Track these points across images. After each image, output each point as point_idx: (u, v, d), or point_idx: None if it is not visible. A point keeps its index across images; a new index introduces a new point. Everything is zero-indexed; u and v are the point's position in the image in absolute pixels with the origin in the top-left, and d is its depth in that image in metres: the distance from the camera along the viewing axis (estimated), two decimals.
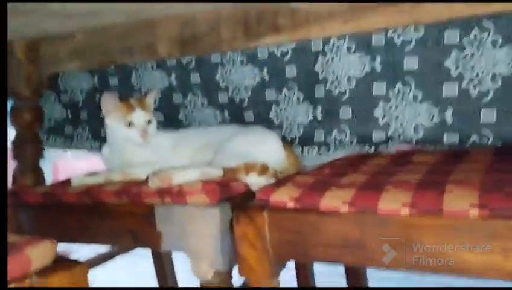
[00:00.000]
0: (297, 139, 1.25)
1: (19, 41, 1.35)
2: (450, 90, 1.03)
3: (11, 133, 1.44)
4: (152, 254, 1.67)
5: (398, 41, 1.06)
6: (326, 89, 1.16)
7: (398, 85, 1.08)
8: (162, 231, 0.98)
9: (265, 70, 1.24)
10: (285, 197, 0.86)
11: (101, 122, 1.34)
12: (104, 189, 1.05)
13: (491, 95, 1.00)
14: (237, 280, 0.97)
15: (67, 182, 1.17)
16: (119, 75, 1.45)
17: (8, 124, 1.44)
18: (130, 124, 1.18)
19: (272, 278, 0.89)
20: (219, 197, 0.96)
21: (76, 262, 0.69)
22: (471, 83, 1.01)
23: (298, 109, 1.23)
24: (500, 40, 0.97)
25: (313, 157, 1.22)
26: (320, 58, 1.15)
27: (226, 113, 1.34)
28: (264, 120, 1.29)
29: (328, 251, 0.81)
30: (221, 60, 1.28)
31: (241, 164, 1.04)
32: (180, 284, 1.70)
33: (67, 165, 2.23)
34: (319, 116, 1.19)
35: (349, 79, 1.13)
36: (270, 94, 1.26)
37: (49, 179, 1.43)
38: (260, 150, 1.12)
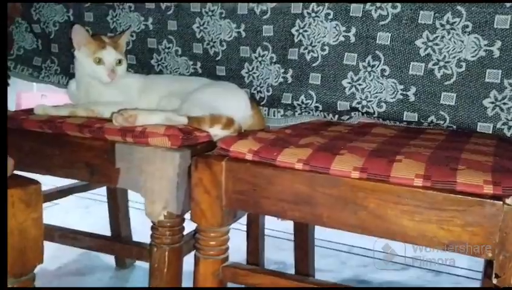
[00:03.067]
0: (265, 100, 1.26)
1: None
2: (416, 69, 1.06)
3: None
4: (108, 197, 1.68)
5: (375, 15, 1.08)
6: (300, 52, 1.18)
7: (369, 58, 1.10)
8: (121, 169, 0.99)
9: (243, 26, 1.24)
10: (244, 149, 0.89)
11: (71, 57, 1.33)
12: (67, 121, 1.05)
13: (453, 78, 1.04)
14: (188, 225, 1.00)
15: (29, 111, 1.16)
16: (95, 11, 1.42)
17: None
18: (99, 61, 1.17)
19: (222, 226, 0.92)
20: (180, 143, 0.98)
21: (30, 180, 0.70)
22: (437, 64, 1.04)
23: (270, 69, 1.24)
24: (470, 26, 1.00)
25: (277, 119, 1.25)
26: (298, 22, 1.16)
27: (199, 64, 1.34)
28: (235, 76, 1.30)
29: (279, 204, 0.85)
30: (201, 9, 1.27)
31: (207, 115, 1.06)
32: (134, 233, 1.73)
33: (31, 97, 2.18)
34: (289, 79, 1.20)
35: (323, 46, 1.14)
36: (244, 51, 1.27)
37: (11, 109, 1.41)
38: (228, 104, 1.13)
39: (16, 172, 0.75)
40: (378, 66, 1.09)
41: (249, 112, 1.18)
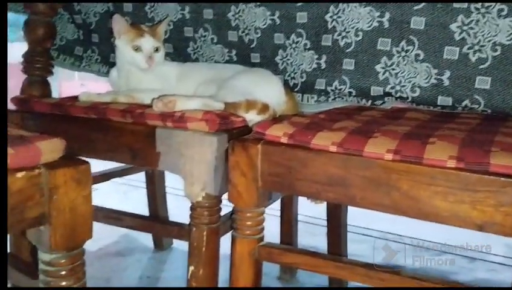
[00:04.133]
0: (298, 86, 1.28)
1: None
2: (450, 53, 1.06)
3: (23, 48, 1.47)
4: (146, 182, 1.75)
5: None
6: (333, 39, 1.19)
7: (403, 43, 1.11)
8: (161, 152, 1.04)
9: (277, 14, 1.26)
10: (279, 132, 0.91)
11: (111, 47, 1.38)
12: (110, 107, 1.10)
13: (488, 62, 1.03)
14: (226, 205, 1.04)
15: (75, 98, 1.22)
16: (133, 1, 1.46)
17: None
18: (137, 49, 1.22)
19: (258, 207, 0.95)
20: (218, 127, 1.01)
21: (80, 160, 0.75)
22: (471, 48, 1.04)
23: (304, 56, 1.26)
24: (505, 10, 1.00)
25: (311, 105, 1.27)
26: (331, 8, 1.18)
27: (234, 52, 1.38)
28: (269, 63, 1.32)
29: (313, 186, 0.87)
30: None
31: (242, 100, 1.09)
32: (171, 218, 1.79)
33: (72, 86, 2.26)
34: (323, 65, 1.22)
35: (356, 32, 1.16)
36: (278, 38, 1.29)
37: (55, 97, 1.48)
38: (263, 90, 1.16)
39: None
40: (412, 51, 1.10)
41: (283, 98, 1.20)
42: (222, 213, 1.08)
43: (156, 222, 1.41)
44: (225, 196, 0.99)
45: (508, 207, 0.72)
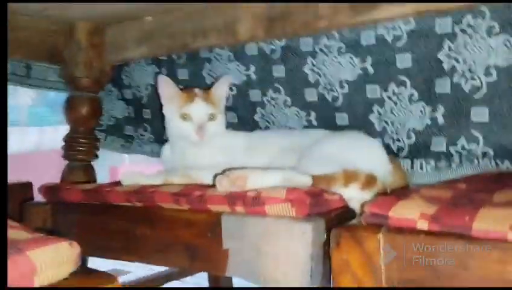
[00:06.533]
0: (405, 150, 0.97)
1: (82, 24, 1.19)
2: None
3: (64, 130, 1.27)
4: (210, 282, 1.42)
5: None
6: (453, 83, 0.88)
7: None
8: (230, 250, 0.73)
9: (369, 60, 0.98)
10: (413, 213, 0.60)
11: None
12: (159, 190, 0.83)
13: None
14: None
15: (117, 183, 0.95)
16: (189, 67, 1.25)
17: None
18: (185, 117, 0.97)
19: None
20: (309, 210, 0.72)
21: (107, 275, 0.45)
22: None
23: (409, 110, 0.96)
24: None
25: (425, 174, 0.94)
26: (447, 43, 0.88)
27: (313, 114, 1.10)
28: (361, 124, 1.03)
29: None
30: (314, 47, 1.04)
31: (338, 171, 0.78)
32: None
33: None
34: (440, 120, 0.91)
35: (487, 70, 0.85)
36: (372, 91, 1.00)
37: None
38: (362, 157, 0.87)
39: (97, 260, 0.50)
40: None
41: (387, 166, 0.89)
42: None
43: None
44: None
45: None
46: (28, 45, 1.14)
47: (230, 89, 1.17)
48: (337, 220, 0.74)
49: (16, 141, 1.42)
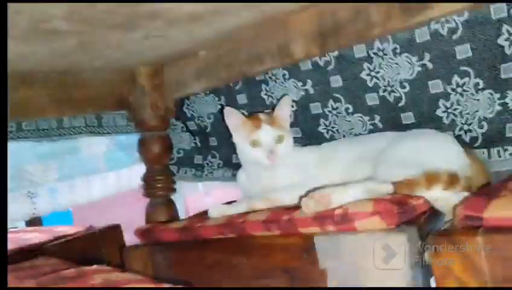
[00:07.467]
0: (479, 140, 0.96)
1: (141, 68, 1.25)
2: None
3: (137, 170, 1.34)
4: None
5: None
6: None
7: None
8: (327, 269, 0.75)
9: (427, 56, 0.98)
10: (508, 212, 0.59)
11: (231, 147, 1.18)
12: (249, 219, 0.87)
13: None
14: None
15: (204, 214, 1.01)
16: (247, 91, 1.28)
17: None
18: (255, 144, 1.00)
19: None
20: (398, 220, 0.73)
21: None
22: None
23: (477, 99, 0.95)
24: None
25: (506, 161, 0.93)
26: (504, 28, 0.87)
27: (377, 118, 1.11)
28: (428, 120, 1.03)
29: None
30: (367, 53, 1.05)
31: (420, 175, 0.79)
32: None
33: (198, 199, 2.14)
34: (511, 105, 0.90)
35: None
36: (435, 86, 1.00)
37: (181, 216, 1.31)
38: (438, 155, 0.86)
39: None
40: None
41: (465, 160, 0.88)
42: None
43: None
44: None
45: None
46: (98, 99, 1.22)
47: (291, 106, 1.20)
48: (427, 225, 0.76)
49: (97, 188, 1.51)
